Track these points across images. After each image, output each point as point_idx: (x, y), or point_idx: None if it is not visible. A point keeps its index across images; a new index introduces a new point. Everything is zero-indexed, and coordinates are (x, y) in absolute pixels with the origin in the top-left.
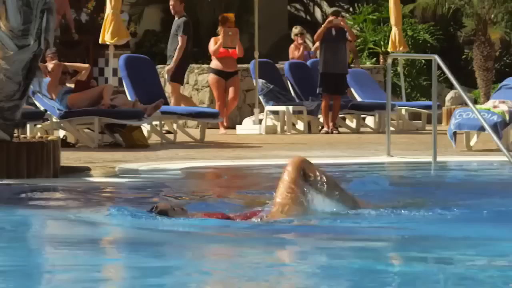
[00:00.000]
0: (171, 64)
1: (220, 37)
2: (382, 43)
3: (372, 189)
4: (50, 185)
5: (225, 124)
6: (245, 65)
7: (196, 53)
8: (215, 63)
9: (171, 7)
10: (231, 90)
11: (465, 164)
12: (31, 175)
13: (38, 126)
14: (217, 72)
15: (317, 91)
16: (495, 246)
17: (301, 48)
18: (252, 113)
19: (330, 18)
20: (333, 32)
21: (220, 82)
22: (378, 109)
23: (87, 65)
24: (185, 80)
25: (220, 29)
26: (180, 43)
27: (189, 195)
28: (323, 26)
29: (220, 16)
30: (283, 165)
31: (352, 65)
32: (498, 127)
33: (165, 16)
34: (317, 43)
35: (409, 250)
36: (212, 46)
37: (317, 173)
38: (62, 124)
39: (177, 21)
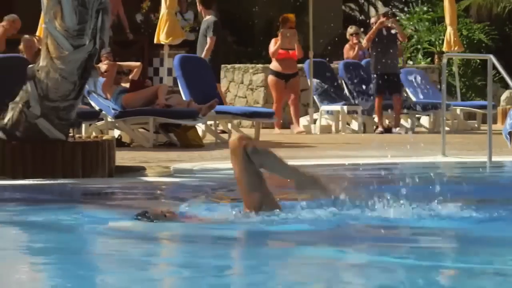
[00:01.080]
0: None
1: (279, 39)
2: (437, 42)
3: (426, 189)
4: (105, 185)
5: (301, 127)
6: (299, 65)
7: (250, 53)
8: (274, 65)
9: (199, 8)
10: (290, 92)
11: None
12: (86, 175)
13: (93, 125)
14: (276, 73)
15: (371, 91)
16: None
17: (356, 48)
18: (306, 113)
19: (382, 19)
20: (384, 32)
21: (279, 83)
22: (433, 109)
23: (138, 63)
24: (239, 80)
25: (281, 30)
26: (208, 44)
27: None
28: (374, 27)
29: (281, 17)
30: (337, 165)
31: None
32: None
33: (220, 16)
34: (365, 42)
35: (463, 250)
36: (272, 47)
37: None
38: (117, 124)
39: (206, 21)
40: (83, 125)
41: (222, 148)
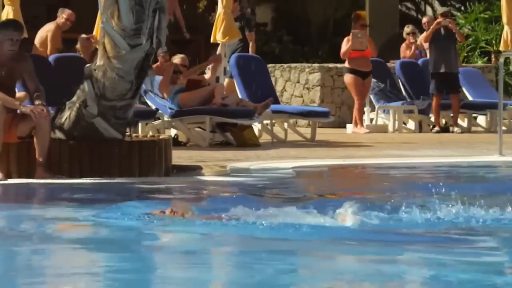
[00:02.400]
0: None
1: (350, 40)
2: (494, 42)
3: (483, 189)
4: (162, 184)
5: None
6: None
7: (306, 52)
8: (350, 63)
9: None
10: (366, 90)
11: None
12: (143, 174)
13: (150, 125)
14: (353, 71)
15: (430, 91)
16: None
17: (413, 47)
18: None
19: (439, 19)
20: (442, 31)
21: (358, 80)
22: (490, 108)
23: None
24: (295, 79)
25: (352, 30)
26: (253, 41)
27: (297, 194)
28: (431, 27)
29: (353, 13)
30: (393, 164)
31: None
32: None
33: (275, 15)
34: (421, 42)
35: None
36: (343, 47)
37: None
38: (173, 123)
39: (239, 18)
40: (140, 124)
41: (278, 147)
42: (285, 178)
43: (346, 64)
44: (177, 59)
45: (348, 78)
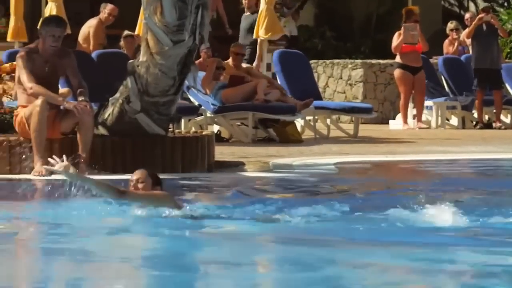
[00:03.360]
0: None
1: (401, 34)
2: None
3: None
4: (205, 180)
5: (419, 122)
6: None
7: (349, 48)
8: (400, 58)
9: (244, 2)
10: (417, 85)
11: None
12: (186, 170)
13: (193, 121)
14: (403, 66)
15: (473, 87)
16: None
17: (456, 43)
18: None
19: (481, 15)
20: (484, 27)
21: (407, 77)
22: None
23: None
24: (338, 75)
25: (404, 24)
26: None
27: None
28: (473, 23)
29: (405, 9)
30: (437, 161)
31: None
32: None
33: (318, 12)
34: (463, 37)
35: None
36: (394, 41)
37: None
38: (216, 119)
39: (252, 16)
40: (183, 120)
41: (321, 143)
42: (327, 174)
43: (398, 59)
44: (234, 47)
45: (398, 73)
